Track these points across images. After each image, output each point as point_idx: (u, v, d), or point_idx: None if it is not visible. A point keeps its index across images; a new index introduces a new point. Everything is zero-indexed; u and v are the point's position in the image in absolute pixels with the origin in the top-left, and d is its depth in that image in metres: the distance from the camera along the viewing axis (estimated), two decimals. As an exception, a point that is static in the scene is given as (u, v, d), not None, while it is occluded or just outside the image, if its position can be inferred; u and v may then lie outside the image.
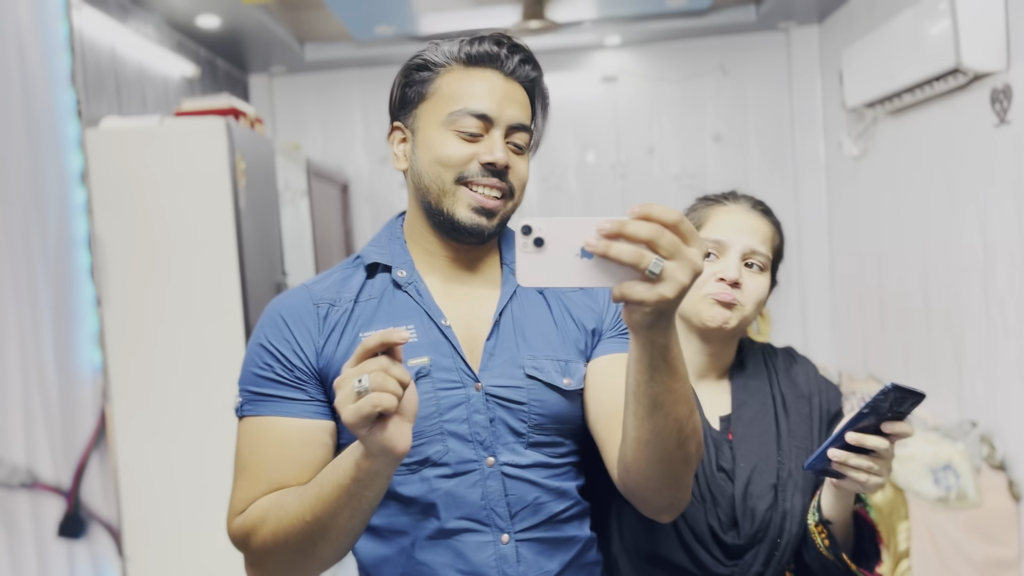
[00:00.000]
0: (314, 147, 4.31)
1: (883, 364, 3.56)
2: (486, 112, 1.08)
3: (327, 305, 1.10)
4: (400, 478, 1.07)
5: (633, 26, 3.95)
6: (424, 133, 1.11)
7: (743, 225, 1.26)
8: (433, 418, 1.06)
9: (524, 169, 1.13)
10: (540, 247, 0.76)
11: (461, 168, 1.08)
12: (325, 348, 1.08)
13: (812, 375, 1.33)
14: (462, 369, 1.08)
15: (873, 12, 3.44)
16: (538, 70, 1.16)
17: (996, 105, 2.57)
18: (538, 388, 1.10)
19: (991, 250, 2.66)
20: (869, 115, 3.48)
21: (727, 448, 1.24)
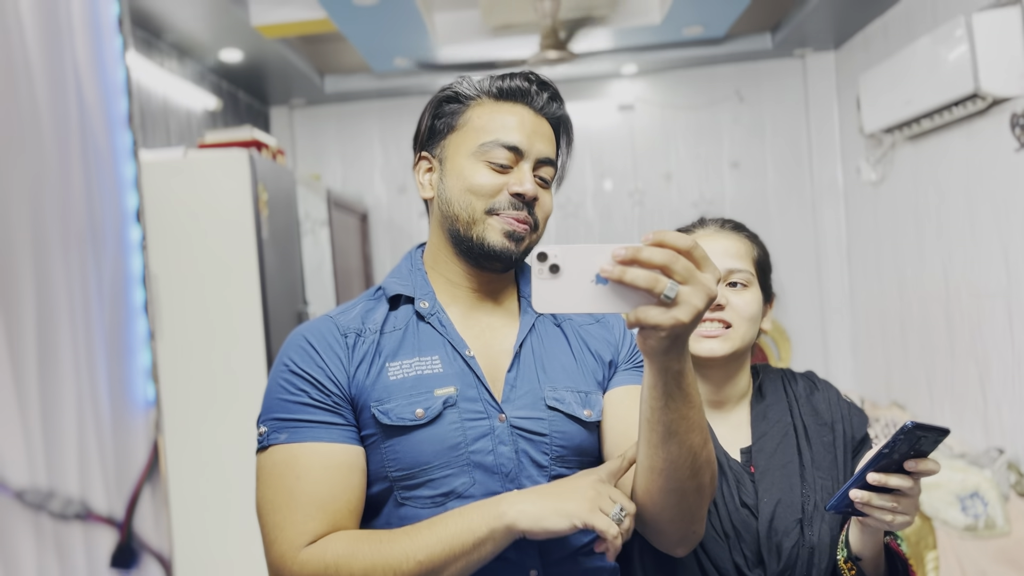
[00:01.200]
0: (334, 177, 4.36)
1: (907, 391, 3.52)
2: (517, 144, 1.11)
3: (354, 335, 1.10)
4: (426, 512, 1.05)
5: (649, 55, 3.98)
6: (454, 162, 1.13)
7: (715, 247, 1.26)
8: (460, 448, 1.06)
9: (549, 202, 1.15)
10: (555, 274, 0.78)
11: (491, 198, 1.10)
12: (356, 376, 1.07)
13: (835, 400, 1.30)
14: (487, 400, 1.08)
15: (889, 38, 3.45)
16: (564, 107, 1.19)
17: (1016, 130, 2.56)
18: (559, 420, 1.10)
19: (1014, 274, 2.64)
20: (887, 140, 3.48)
21: (749, 482, 1.21)
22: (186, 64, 3.45)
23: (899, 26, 3.36)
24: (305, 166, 4.33)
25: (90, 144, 0.41)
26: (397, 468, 1.05)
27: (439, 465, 1.04)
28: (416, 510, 1.05)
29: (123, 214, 0.43)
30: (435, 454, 1.05)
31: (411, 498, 1.05)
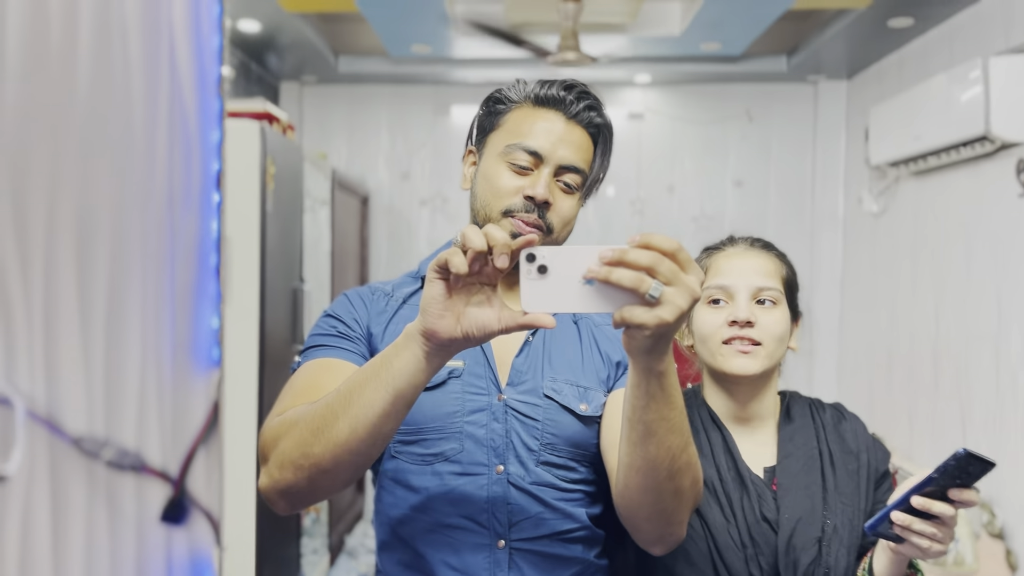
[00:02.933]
0: (338, 158, 4.35)
1: (888, 423, 3.56)
2: (537, 149, 1.16)
3: (381, 295, 1.23)
4: (414, 467, 1.14)
5: (664, 66, 3.99)
6: (486, 160, 1.21)
7: (745, 265, 1.27)
8: (456, 417, 1.13)
9: (568, 208, 1.18)
10: (544, 274, 0.80)
11: (508, 199, 1.15)
12: (372, 325, 1.19)
13: (861, 432, 1.32)
14: (490, 378, 1.16)
15: (903, 73, 3.48)
16: (604, 118, 1.23)
17: (1022, 175, 2.59)
18: (554, 409, 1.16)
19: (1006, 319, 2.68)
20: (892, 174, 3.51)
21: (771, 498, 1.23)
22: (203, 30, 3.43)
23: (914, 62, 3.39)
24: (311, 144, 4.32)
25: (178, 107, 0.42)
26: None
27: (434, 428, 1.12)
28: (406, 464, 1.14)
29: (205, 178, 0.44)
30: (433, 417, 1.13)
31: (403, 453, 1.14)
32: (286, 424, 0.99)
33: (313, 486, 0.98)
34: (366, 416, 0.91)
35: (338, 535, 3.55)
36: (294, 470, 0.96)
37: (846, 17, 3.19)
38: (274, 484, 0.99)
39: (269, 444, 1.01)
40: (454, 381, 1.15)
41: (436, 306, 0.85)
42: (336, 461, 0.94)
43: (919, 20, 3.12)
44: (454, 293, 0.86)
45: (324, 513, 3.34)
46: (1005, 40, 2.68)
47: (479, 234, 0.82)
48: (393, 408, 0.91)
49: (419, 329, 0.87)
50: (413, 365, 0.89)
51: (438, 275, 0.85)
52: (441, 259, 0.83)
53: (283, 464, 0.97)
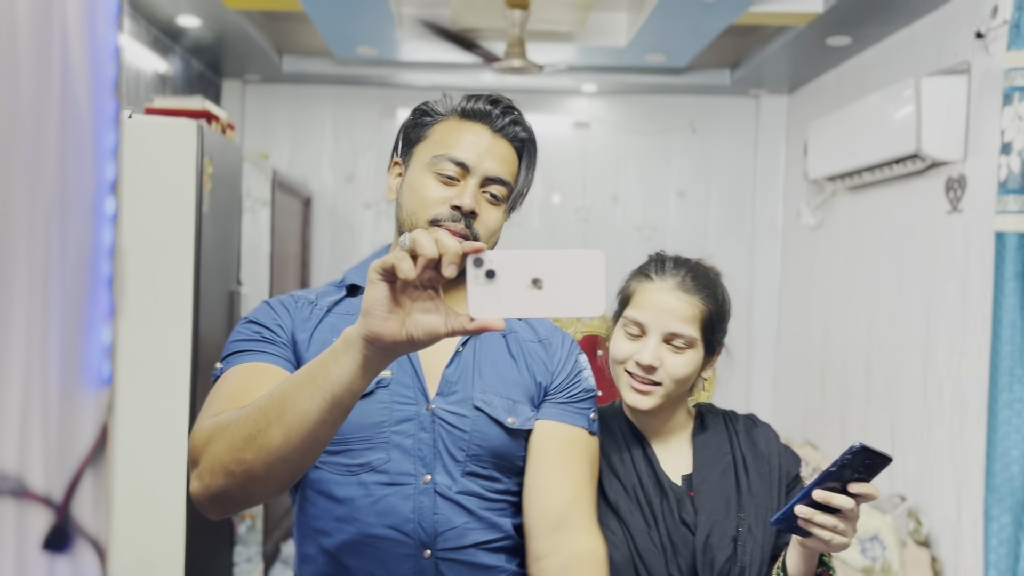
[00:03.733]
0: (280, 158, 4.28)
1: (821, 432, 3.63)
2: (464, 160, 1.18)
3: (306, 302, 1.21)
4: (339, 478, 1.13)
5: (610, 76, 4.02)
6: (412, 171, 1.22)
7: (664, 307, 1.29)
8: (384, 427, 1.13)
9: (494, 219, 1.20)
10: (491, 279, 0.80)
11: (435, 208, 1.16)
12: (298, 334, 1.17)
13: (772, 439, 1.38)
14: (418, 388, 1.16)
15: (842, 90, 3.57)
16: (528, 132, 1.26)
17: (950, 193, 2.67)
18: (483, 421, 1.17)
19: (933, 333, 2.75)
20: (829, 188, 3.59)
21: (689, 503, 1.29)
22: (140, 24, 3.34)
23: (851, 80, 3.47)
24: (253, 143, 4.24)
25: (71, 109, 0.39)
26: None
27: (360, 438, 1.12)
28: (330, 474, 1.14)
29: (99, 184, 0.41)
30: (360, 427, 1.12)
31: (327, 463, 1.14)
32: (217, 428, 0.97)
33: (245, 492, 0.96)
34: (301, 424, 0.89)
35: (274, 543, 3.48)
36: (225, 476, 0.94)
37: (787, 34, 3.26)
38: (205, 489, 0.97)
39: (199, 448, 0.99)
40: (382, 391, 1.14)
41: (380, 309, 0.83)
42: (269, 468, 0.92)
43: (856, 39, 3.20)
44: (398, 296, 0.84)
45: (260, 520, 3.28)
46: (937, 61, 2.76)
47: (430, 241, 0.81)
48: (330, 415, 0.89)
49: (361, 333, 0.85)
50: (352, 370, 0.87)
51: (382, 278, 0.83)
52: (387, 262, 0.82)
53: (214, 469, 0.95)
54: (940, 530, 2.69)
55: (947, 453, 2.65)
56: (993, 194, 2.45)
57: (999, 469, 2.25)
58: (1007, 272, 2.24)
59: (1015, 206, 2.22)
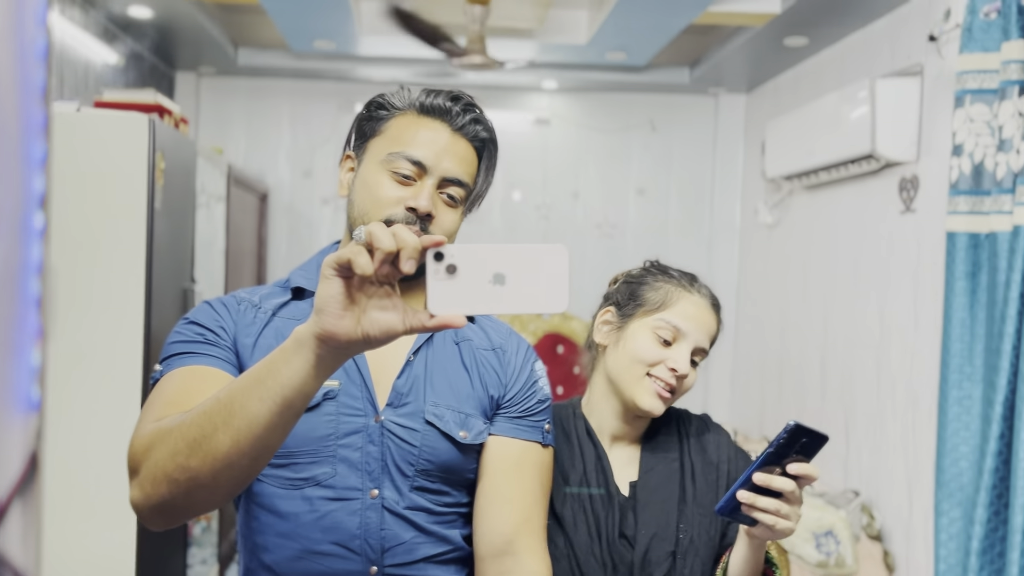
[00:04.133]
0: (236, 153, 4.20)
1: (777, 427, 3.67)
2: (421, 160, 1.12)
3: (249, 304, 1.15)
4: (282, 492, 1.09)
5: (571, 73, 4.02)
6: (366, 167, 1.16)
7: (703, 321, 1.29)
8: (330, 440, 1.09)
9: (450, 222, 1.15)
10: (452, 274, 0.77)
11: (389, 208, 1.11)
12: (241, 338, 1.11)
13: (724, 443, 1.35)
14: (367, 399, 1.11)
15: (799, 90, 3.61)
16: (489, 132, 1.20)
17: (904, 193, 2.72)
18: (433, 435, 1.13)
19: (887, 330, 2.80)
20: (786, 187, 3.63)
21: (632, 515, 1.26)
22: (89, 14, 3.25)
23: (809, 80, 3.51)
24: (207, 137, 4.16)
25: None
26: None
27: (306, 452, 1.08)
28: (273, 488, 1.09)
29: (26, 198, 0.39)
30: (305, 440, 1.08)
31: (270, 476, 1.09)
32: (159, 434, 0.92)
33: (190, 500, 0.91)
34: (250, 429, 0.85)
35: (230, 543, 3.43)
36: (168, 484, 0.89)
37: (745, 33, 3.28)
38: (147, 499, 0.92)
39: (139, 455, 0.93)
40: (328, 403, 1.10)
41: (335, 306, 0.79)
42: (216, 475, 0.88)
43: (812, 40, 3.23)
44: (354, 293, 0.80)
45: (215, 521, 3.22)
46: (891, 63, 2.80)
47: (388, 235, 0.78)
48: (281, 419, 0.85)
49: (314, 331, 0.81)
50: (304, 371, 0.83)
51: (337, 273, 0.79)
52: (343, 257, 0.78)
53: (156, 478, 0.90)
54: (892, 524, 2.73)
55: (899, 449, 2.70)
56: (944, 195, 2.49)
57: (948, 465, 2.30)
58: (957, 272, 2.28)
59: (965, 207, 2.26)
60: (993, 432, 2.07)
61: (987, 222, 2.20)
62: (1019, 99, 2.08)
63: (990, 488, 2.08)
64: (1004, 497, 2.08)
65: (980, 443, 2.21)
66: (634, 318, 1.30)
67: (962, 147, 2.26)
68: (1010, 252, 2.09)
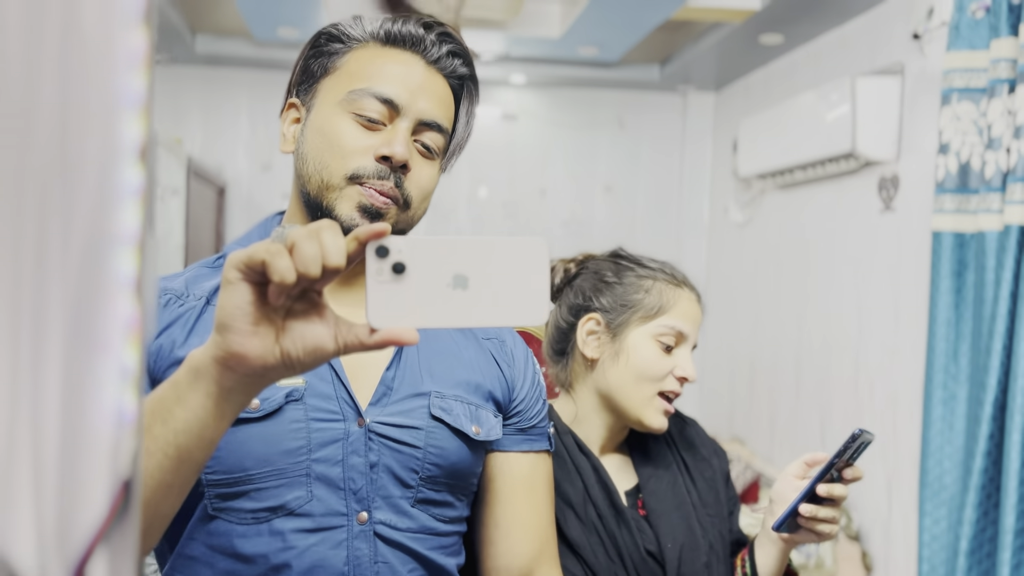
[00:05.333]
0: (192, 143, 4.04)
1: (749, 428, 3.66)
2: (393, 98, 0.92)
3: (172, 296, 0.91)
4: (242, 528, 0.85)
5: (540, 68, 3.95)
6: (320, 112, 0.94)
7: (697, 317, 1.22)
8: (300, 454, 0.86)
9: (428, 177, 0.96)
10: (400, 275, 0.61)
11: (355, 160, 0.91)
12: (160, 340, 0.87)
13: (703, 435, 1.29)
14: (344, 399, 0.89)
15: (770, 88, 3.59)
16: (470, 67, 1.01)
17: (883, 192, 2.71)
18: (442, 433, 0.93)
19: (865, 331, 2.79)
20: (757, 185, 3.61)
21: (648, 528, 1.14)
22: (40, -6, 3.07)
23: (781, 78, 3.50)
24: (161, 128, 3.99)
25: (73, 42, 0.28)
26: (213, 470, 0.84)
27: (269, 473, 0.85)
28: (231, 525, 0.86)
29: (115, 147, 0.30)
30: (266, 458, 0.85)
31: (226, 510, 0.86)
32: None
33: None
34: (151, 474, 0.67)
35: None
36: None
37: (721, 30, 3.25)
38: None
39: None
40: (294, 407, 0.87)
41: (243, 321, 0.61)
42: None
43: (788, 38, 3.22)
44: (269, 302, 0.62)
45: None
46: (870, 62, 2.79)
47: (313, 243, 0.59)
48: (176, 477, 0.67)
49: (216, 355, 0.63)
50: (204, 411, 0.64)
51: (244, 277, 0.61)
52: (254, 256, 0.60)
53: None
54: (871, 525, 2.72)
55: (878, 449, 2.69)
56: (925, 194, 2.49)
57: (932, 465, 2.29)
58: (943, 271, 2.27)
59: (951, 206, 2.25)
60: (983, 432, 2.06)
61: (974, 221, 2.20)
62: (1008, 97, 2.07)
63: (979, 488, 2.07)
64: (993, 497, 2.07)
65: (967, 443, 2.20)
66: (629, 326, 1.17)
67: (948, 146, 2.25)
68: (1000, 251, 2.08)
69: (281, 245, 0.60)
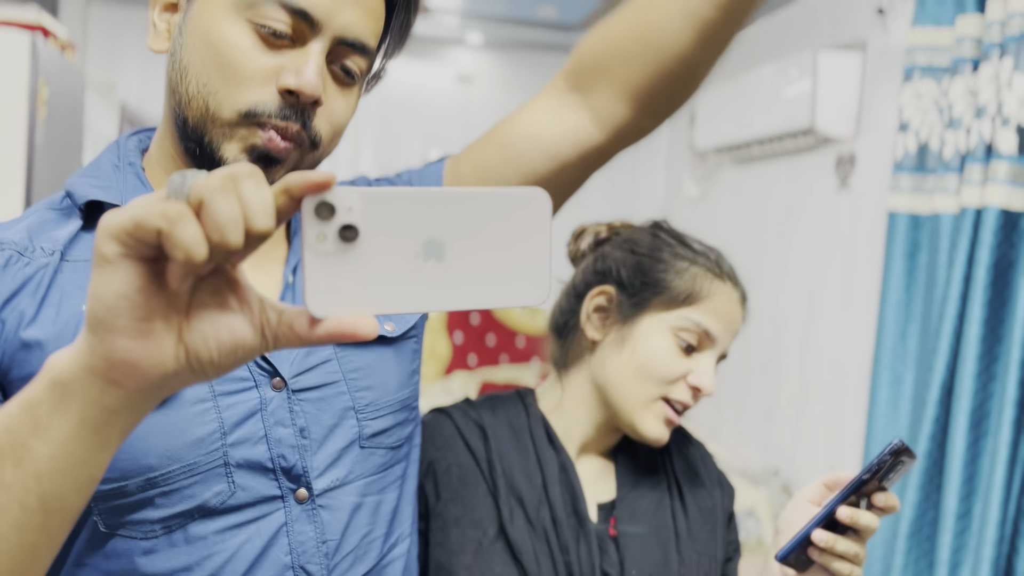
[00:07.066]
0: (128, 88, 3.83)
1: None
2: (307, 8, 0.70)
3: (8, 251, 0.68)
4: (147, 544, 0.68)
5: (497, 27, 3.83)
6: (205, 8, 0.71)
7: (734, 322, 0.98)
8: (214, 441, 0.69)
9: (343, 110, 0.76)
10: (351, 243, 0.44)
11: (251, 92, 0.70)
12: (2, 316, 0.66)
13: (711, 461, 1.07)
14: (254, 361, 0.72)
15: (730, 61, 3.53)
16: None
17: (840, 169, 2.67)
18: (351, 353, 0.77)
19: (815, 308, 2.77)
20: (713, 160, 3.56)
21: (613, 549, 0.94)
22: (-39, -81, 2.84)
23: (741, 51, 3.43)
24: (95, 70, 3.77)
25: None
26: (103, 479, 0.66)
27: (177, 471, 0.68)
28: (133, 542, 0.68)
29: None
30: (170, 454, 0.67)
31: (125, 524, 0.68)
32: None
33: None
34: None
35: None
36: None
37: None
38: None
39: None
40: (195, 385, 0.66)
41: (129, 315, 0.43)
42: None
43: (752, 9, 3.15)
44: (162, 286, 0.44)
45: None
46: (832, 36, 2.74)
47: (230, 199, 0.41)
48: (43, 535, 0.49)
49: (91, 365, 0.45)
50: (78, 443, 0.47)
51: (128, 252, 0.43)
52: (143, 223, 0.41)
53: None
54: (811, 503, 2.72)
55: (821, 429, 2.68)
56: (882, 173, 2.45)
57: (876, 447, 2.28)
58: (896, 251, 2.25)
59: (908, 185, 2.22)
60: (928, 415, 2.05)
61: (930, 202, 2.17)
62: (971, 76, 2.04)
63: (922, 471, 2.06)
64: (936, 480, 2.06)
65: (912, 426, 2.19)
66: (647, 311, 0.96)
67: (908, 124, 2.22)
68: (954, 232, 2.06)
69: (182, 203, 0.41)
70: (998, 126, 1.91)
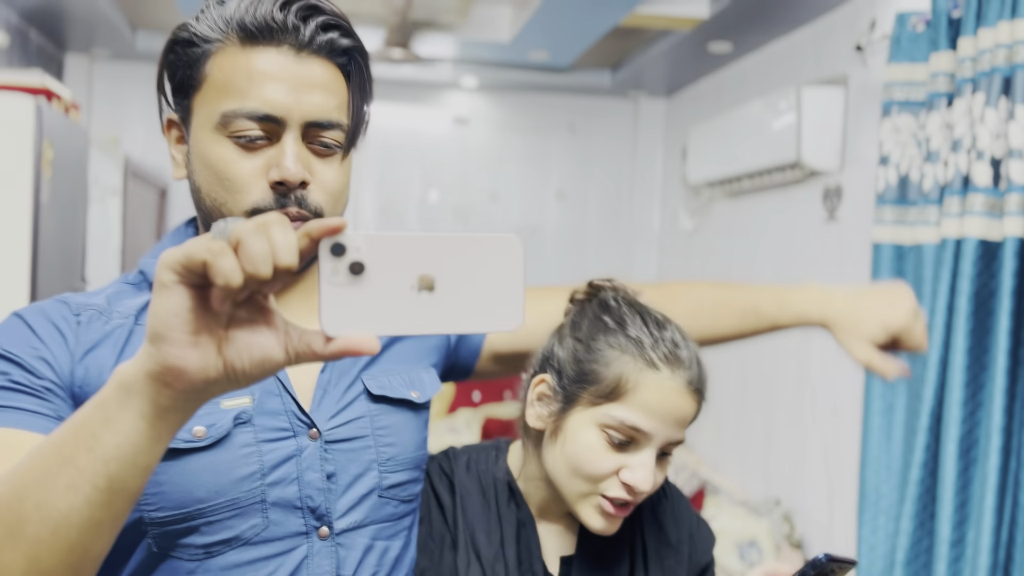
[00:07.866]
0: (134, 144, 3.93)
1: (694, 434, 3.66)
2: (270, 112, 0.80)
3: (93, 312, 0.82)
4: (192, 565, 0.79)
5: (491, 71, 3.92)
6: (198, 137, 0.84)
7: (674, 412, 0.90)
8: (254, 480, 0.80)
9: (334, 177, 0.85)
10: (358, 276, 0.55)
11: (249, 195, 0.81)
12: (87, 362, 0.79)
13: (684, 514, 1.04)
14: (293, 412, 0.83)
15: (720, 96, 3.60)
16: (351, 37, 0.86)
17: (827, 202, 2.72)
18: (385, 410, 0.89)
19: (808, 338, 2.80)
20: (707, 193, 3.62)
21: None
22: (-31, -14, 2.96)
23: (731, 86, 3.51)
24: (100, 127, 3.87)
25: None
26: (158, 507, 0.78)
27: (221, 505, 0.79)
28: (181, 562, 0.80)
29: None
30: (218, 490, 0.79)
31: (176, 547, 0.80)
32: None
33: None
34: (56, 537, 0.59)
35: None
36: None
37: (670, 38, 3.25)
38: None
39: None
40: (242, 430, 0.81)
41: (180, 329, 0.54)
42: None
43: (737, 46, 3.22)
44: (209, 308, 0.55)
45: None
46: (816, 71, 2.80)
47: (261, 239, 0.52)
48: (108, 511, 0.59)
49: (149, 370, 0.55)
50: (138, 434, 0.57)
51: (181, 279, 0.54)
52: (192, 256, 0.52)
53: None
54: (813, 533, 2.74)
55: (820, 457, 2.70)
56: (867, 205, 2.50)
57: (871, 475, 2.30)
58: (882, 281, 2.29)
59: (891, 217, 2.26)
60: (919, 443, 2.07)
61: (912, 233, 2.21)
62: (947, 111, 2.09)
63: (915, 499, 2.08)
64: (929, 508, 2.08)
65: (904, 454, 2.21)
66: (577, 404, 0.92)
67: (889, 158, 2.27)
68: (936, 263, 2.10)
69: (224, 242, 0.52)
70: (973, 159, 1.96)
